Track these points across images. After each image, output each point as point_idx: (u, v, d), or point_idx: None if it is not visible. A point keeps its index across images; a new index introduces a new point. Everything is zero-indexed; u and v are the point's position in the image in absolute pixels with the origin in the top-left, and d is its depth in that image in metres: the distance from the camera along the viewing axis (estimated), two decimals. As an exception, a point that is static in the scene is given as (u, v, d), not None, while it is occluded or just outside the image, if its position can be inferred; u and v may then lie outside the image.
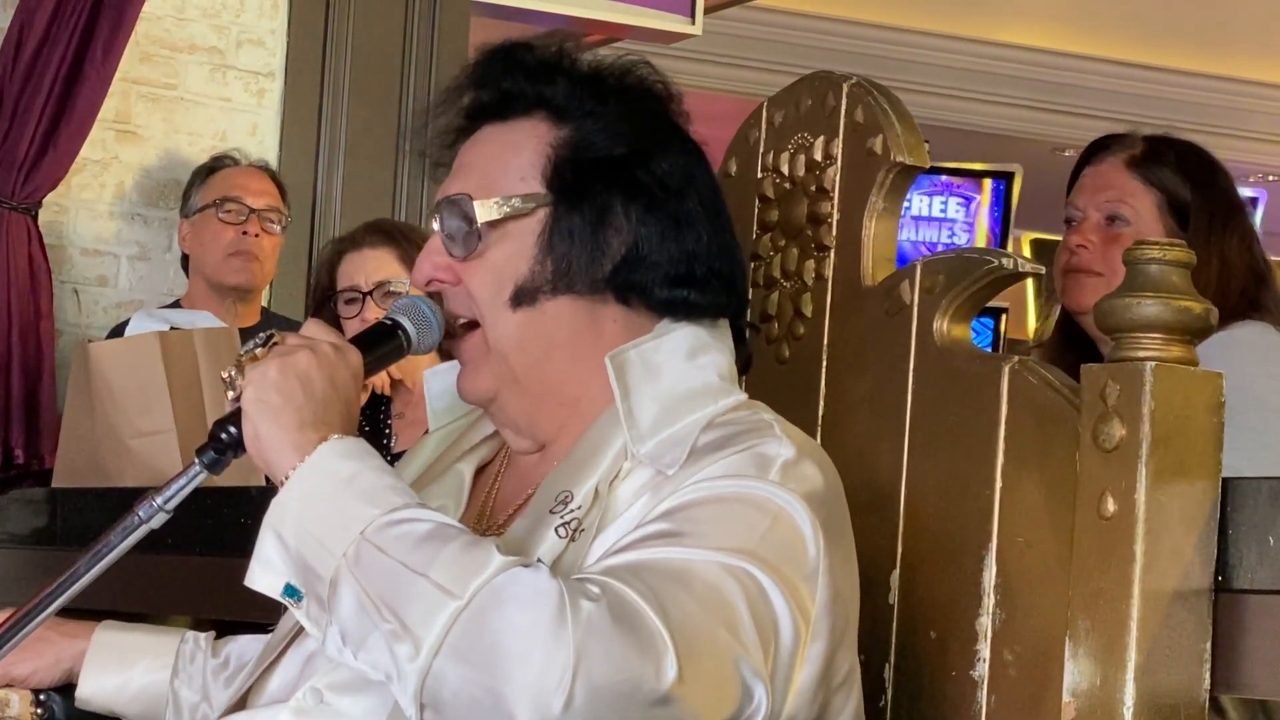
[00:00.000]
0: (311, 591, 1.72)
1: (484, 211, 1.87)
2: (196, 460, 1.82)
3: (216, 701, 2.12)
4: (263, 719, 1.89)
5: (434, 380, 2.04)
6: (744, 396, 1.89)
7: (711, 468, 1.76)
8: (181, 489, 1.81)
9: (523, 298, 1.87)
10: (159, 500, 1.81)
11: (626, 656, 1.61)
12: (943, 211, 9.93)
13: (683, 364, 1.87)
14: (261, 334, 1.83)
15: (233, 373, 1.81)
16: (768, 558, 1.71)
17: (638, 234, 1.87)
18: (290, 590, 1.73)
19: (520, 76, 1.92)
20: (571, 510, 1.80)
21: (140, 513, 1.81)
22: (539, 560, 1.72)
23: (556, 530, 1.79)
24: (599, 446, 1.84)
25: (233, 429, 1.79)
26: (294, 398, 1.77)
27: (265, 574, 1.74)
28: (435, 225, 1.91)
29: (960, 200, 9.89)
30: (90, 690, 2.22)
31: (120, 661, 2.23)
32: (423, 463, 2.05)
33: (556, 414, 1.91)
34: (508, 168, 1.89)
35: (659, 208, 1.87)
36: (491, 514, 1.95)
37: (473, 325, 1.91)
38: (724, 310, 1.91)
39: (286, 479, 1.74)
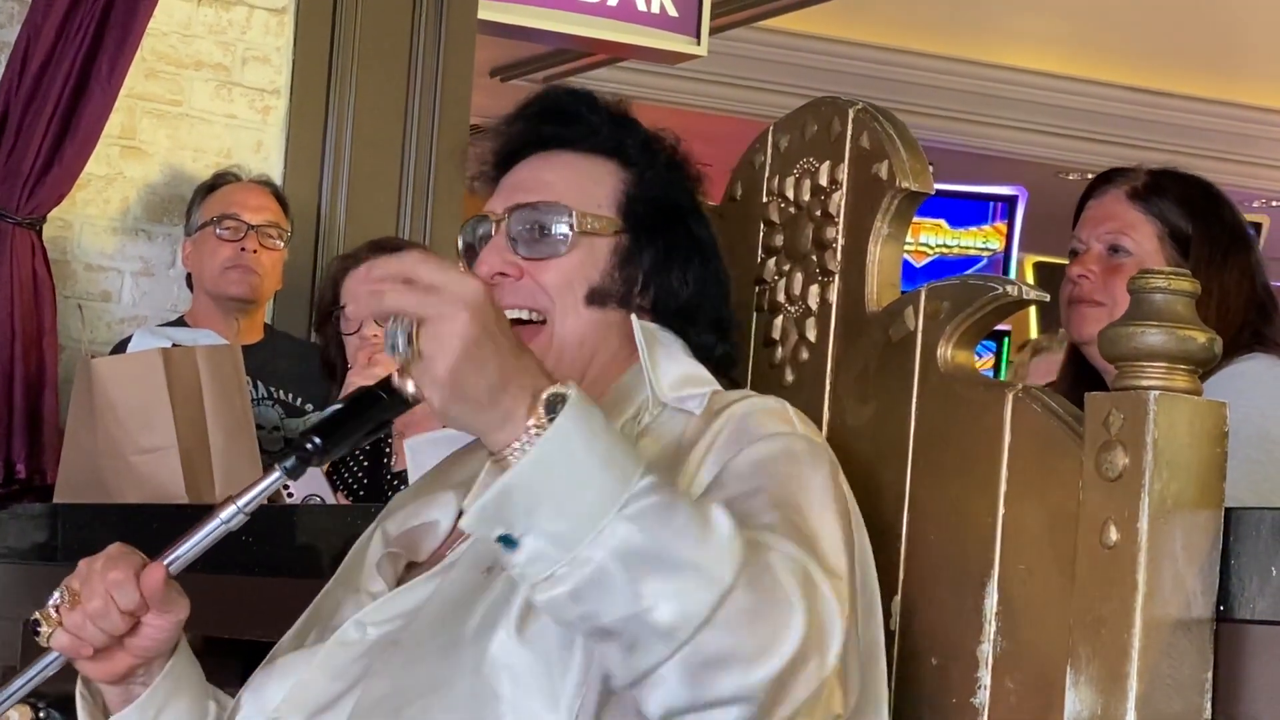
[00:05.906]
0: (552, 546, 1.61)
1: (577, 222, 1.99)
2: (277, 466, 1.73)
3: None
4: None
5: (418, 454, 2.05)
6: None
7: (748, 424, 1.86)
8: (260, 493, 1.79)
9: (595, 299, 1.99)
10: (240, 503, 1.80)
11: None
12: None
13: (684, 354, 2.01)
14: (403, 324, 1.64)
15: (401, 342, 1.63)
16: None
17: (697, 281, 2.03)
18: (506, 539, 1.62)
19: (601, 118, 2.06)
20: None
21: (221, 515, 1.81)
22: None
23: None
24: (613, 409, 1.90)
25: (317, 439, 1.70)
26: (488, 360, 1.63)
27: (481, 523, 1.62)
28: (495, 228, 1.99)
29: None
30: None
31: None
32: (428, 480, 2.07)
33: None
34: (589, 193, 2.02)
35: (708, 263, 2.05)
36: None
37: (525, 322, 1.97)
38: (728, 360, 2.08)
39: (518, 445, 1.62)
